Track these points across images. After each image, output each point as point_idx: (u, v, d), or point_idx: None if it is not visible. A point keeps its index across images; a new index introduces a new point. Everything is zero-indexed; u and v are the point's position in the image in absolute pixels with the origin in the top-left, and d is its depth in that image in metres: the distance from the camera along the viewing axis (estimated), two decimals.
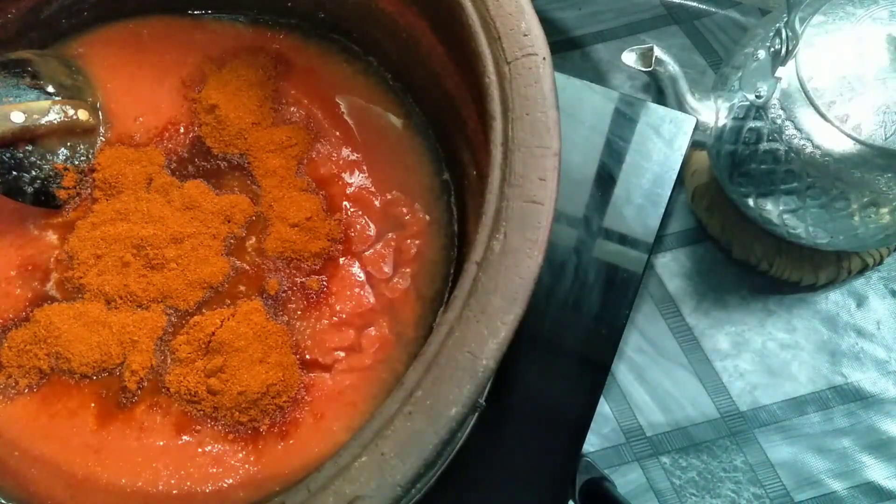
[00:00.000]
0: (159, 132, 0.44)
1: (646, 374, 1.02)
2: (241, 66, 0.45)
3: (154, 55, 0.46)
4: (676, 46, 1.19)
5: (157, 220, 0.41)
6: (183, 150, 0.44)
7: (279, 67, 0.46)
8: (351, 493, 0.25)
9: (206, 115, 0.44)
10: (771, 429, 0.99)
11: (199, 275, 0.40)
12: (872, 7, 0.79)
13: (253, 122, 0.44)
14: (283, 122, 0.45)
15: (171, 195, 0.42)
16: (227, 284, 0.41)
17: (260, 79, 0.45)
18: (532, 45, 0.33)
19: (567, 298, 0.48)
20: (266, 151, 0.43)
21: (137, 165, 0.42)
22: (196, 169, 0.44)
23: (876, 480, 0.97)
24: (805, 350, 1.03)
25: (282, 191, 0.42)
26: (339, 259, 0.42)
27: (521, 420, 0.45)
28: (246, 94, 0.44)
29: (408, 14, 0.42)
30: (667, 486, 0.97)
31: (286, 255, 0.41)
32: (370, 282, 0.41)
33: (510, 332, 0.27)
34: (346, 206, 0.43)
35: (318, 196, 0.43)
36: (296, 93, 0.46)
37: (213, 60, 0.46)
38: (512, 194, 0.30)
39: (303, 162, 0.44)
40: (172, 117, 0.45)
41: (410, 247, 0.42)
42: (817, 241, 0.88)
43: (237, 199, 0.42)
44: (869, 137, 0.75)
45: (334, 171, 0.44)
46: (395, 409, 0.26)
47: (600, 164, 0.52)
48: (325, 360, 0.39)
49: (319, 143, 0.45)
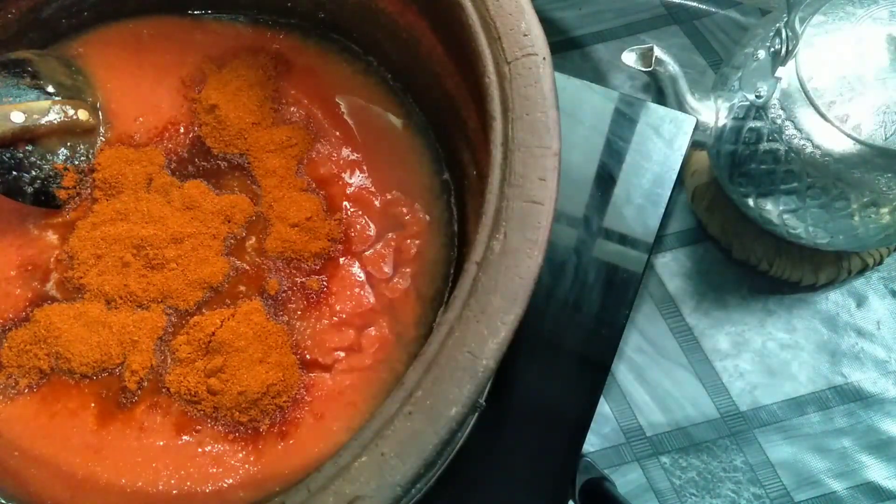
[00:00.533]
0: (159, 132, 0.44)
1: (646, 374, 1.02)
2: (241, 66, 0.45)
3: (154, 55, 0.46)
4: (676, 46, 1.19)
5: (157, 220, 0.41)
6: (183, 150, 0.44)
7: (279, 67, 0.46)
8: (351, 493, 0.25)
9: (206, 115, 0.44)
10: (771, 429, 0.99)
11: (199, 275, 0.40)
12: (872, 7, 0.79)
13: (253, 123, 0.44)
14: (283, 122, 0.45)
15: (171, 195, 0.42)
16: (227, 284, 0.41)
17: (260, 79, 0.45)
18: (532, 45, 0.33)
19: (567, 298, 0.48)
20: (266, 151, 0.43)
21: (137, 165, 0.42)
22: (196, 169, 0.44)
23: (876, 480, 0.97)
24: (805, 350, 1.03)
25: (282, 191, 0.42)
26: (340, 259, 0.42)
27: (521, 420, 0.45)
28: (246, 94, 0.44)
29: (408, 14, 0.42)
30: (667, 486, 0.97)
31: (286, 255, 0.41)
32: (370, 282, 0.41)
33: (510, 332, 0.27)
34: (346, 206, 0.43)
35: (317, 196, 0.43)
36: (296, 93, 0.46)
37: (213, 60, 0.46)
38: (512, 194, 0.30)
39: (303, 162, 0.44)
40: (172, 117, 0.45)
41: (410, 247, 0.42)
42: (817, 242, 0.88)
43: (237, 199, 0.42)
44: (869, 137, 0.75)
45: (334, 171, 0.44)
46: (395, 409, 0.26)
47: (600, 164, 0.52)
48: (325, 361, 0.39)
49: (319, 143, 0.45)
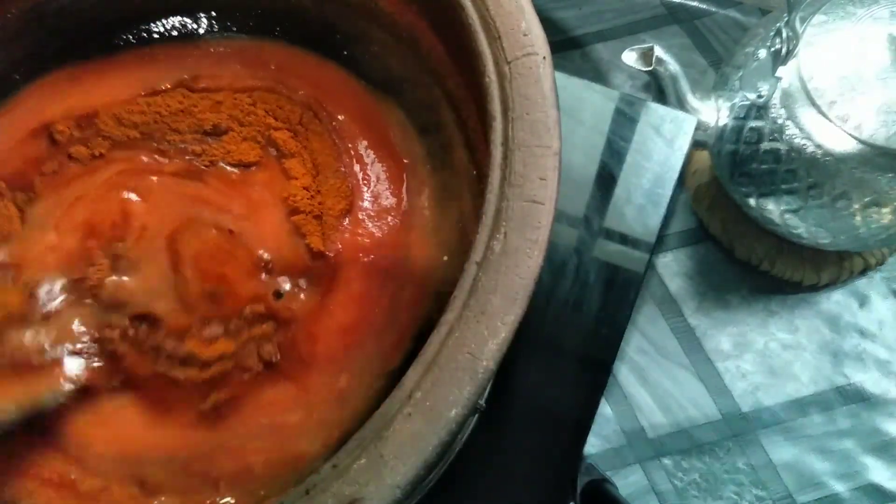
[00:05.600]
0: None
1: (647, 375, 1.01)
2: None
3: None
4: (677, 46, 1.19)
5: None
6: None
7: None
8: (350, 494, 0.25)
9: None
10: (773, 430, 0.99)
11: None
12: (873, 6, 0.79)
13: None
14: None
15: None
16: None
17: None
18: (532, 45, 0.33)
19: (568, 299, 0.47)
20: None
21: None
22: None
23: (879, 482, 0.96)
24: (807, 350, 1.02)
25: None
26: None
27: (522, 421, 0.45)
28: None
29: (408, 14, 0.42)
30: (668, 487, 0.96)
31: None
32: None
33: (510, 333, 0.27)
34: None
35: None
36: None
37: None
38: (512, 194, 0.29)
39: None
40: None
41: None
42: (819, 241, 0.88)
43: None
44: (870, 137, 0.75)
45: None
46: (394, 410, 0.26)
47: (601, 163, 0.51)
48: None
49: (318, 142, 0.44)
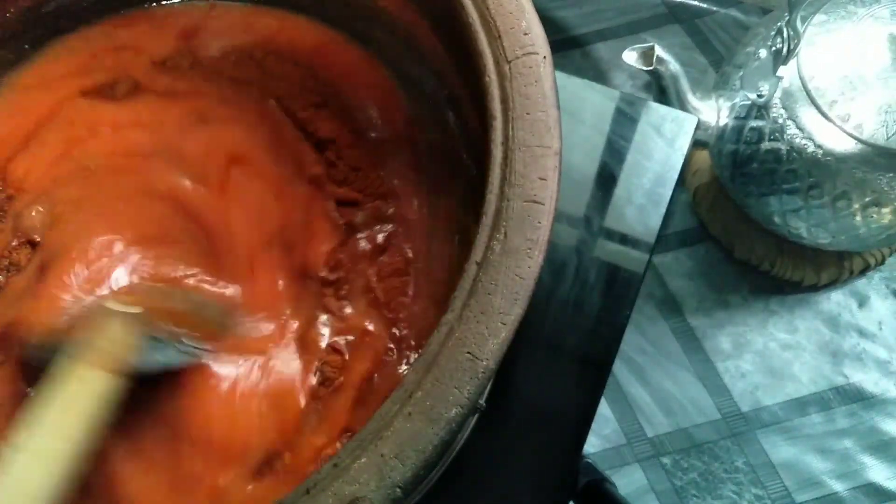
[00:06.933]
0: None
1: (647, 375, 1.01)
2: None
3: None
4: (678, 45, 1.19)
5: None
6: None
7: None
8: (350, 493, 0.25)
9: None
10: (772, 429, 0.99)
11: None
12: (874, 6, 0.79)
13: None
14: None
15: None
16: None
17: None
18: (532, 44, 0.32)
19: (568, 298, 0.47)
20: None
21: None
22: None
23: (878, 481, 0.96)
24: (807, 350, 1.02)
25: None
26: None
27: (522, 421, 0.45)
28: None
29: (408, 13, 0.42)
30: (668, 487, 0.96)
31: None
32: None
33: (511, 333, 0.27)
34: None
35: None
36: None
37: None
38: (512, 194, 0.29)
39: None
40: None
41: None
42: (819, 241, 0.88)
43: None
44: (870, 137, 0.75)
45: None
46: (394, 409, 0.26)
47: (601, 163, 0.51)
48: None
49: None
